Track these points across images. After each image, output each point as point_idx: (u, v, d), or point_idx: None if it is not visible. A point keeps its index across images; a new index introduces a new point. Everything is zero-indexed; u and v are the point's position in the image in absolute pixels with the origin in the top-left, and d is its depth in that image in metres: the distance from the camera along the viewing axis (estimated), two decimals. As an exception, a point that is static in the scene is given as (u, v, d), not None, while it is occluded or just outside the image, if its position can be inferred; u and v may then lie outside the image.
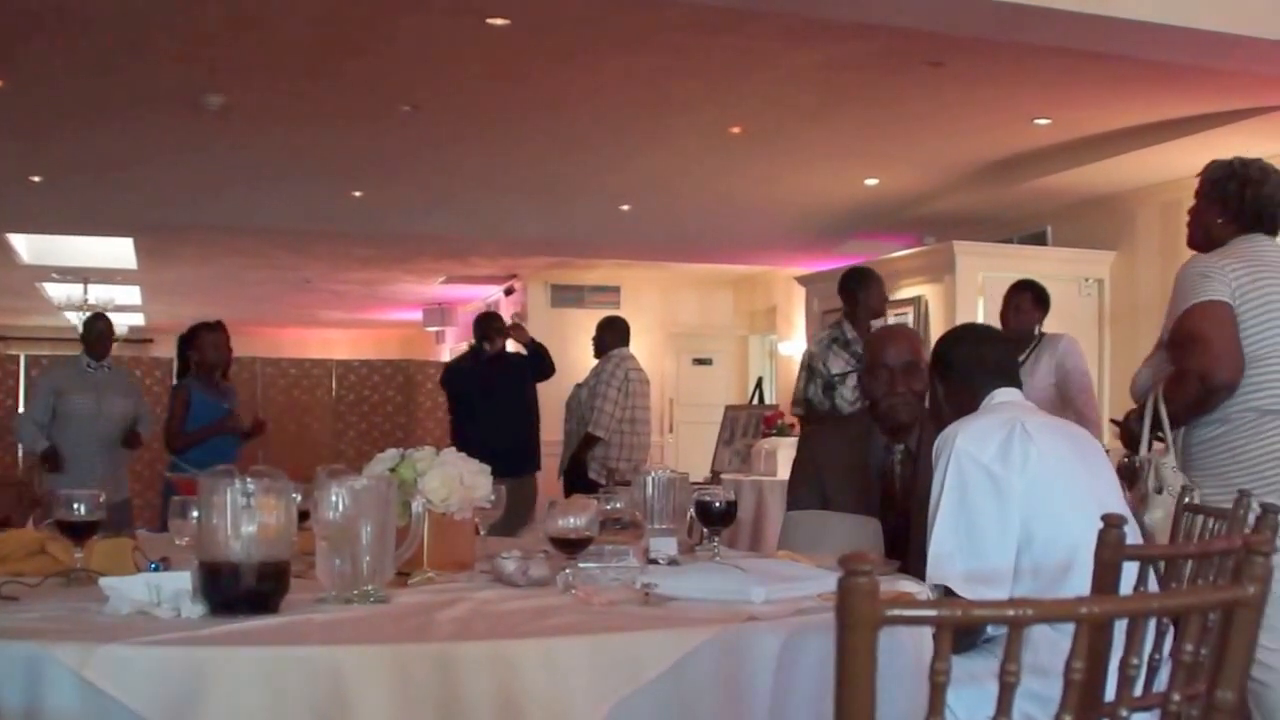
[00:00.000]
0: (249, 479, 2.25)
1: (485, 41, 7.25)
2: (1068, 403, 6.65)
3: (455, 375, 9.21)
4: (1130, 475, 4.28)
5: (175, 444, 7.54)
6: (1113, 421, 4.63)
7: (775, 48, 7.37)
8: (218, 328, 7.74)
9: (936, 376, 3.53)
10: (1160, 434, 3.94)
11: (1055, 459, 3.09)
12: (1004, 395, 3.35)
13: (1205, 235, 4.08)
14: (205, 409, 7.54)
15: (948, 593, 2.94)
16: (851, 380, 7.13)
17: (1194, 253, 4.15)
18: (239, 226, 12.80)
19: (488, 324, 9.01)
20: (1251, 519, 2.79)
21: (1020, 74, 7.73)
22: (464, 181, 11.19)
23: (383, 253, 15.00)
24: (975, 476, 3.04)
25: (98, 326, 8.07)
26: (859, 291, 7.64)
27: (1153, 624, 2.40)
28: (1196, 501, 3.52)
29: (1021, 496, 3.01)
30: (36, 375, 8.40)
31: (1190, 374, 3.83)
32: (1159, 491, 3.80)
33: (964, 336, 3.68)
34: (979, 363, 3.44)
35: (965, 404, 3.36)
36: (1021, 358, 6.83)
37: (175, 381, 8.10)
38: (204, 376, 7.67)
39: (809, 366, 7.56)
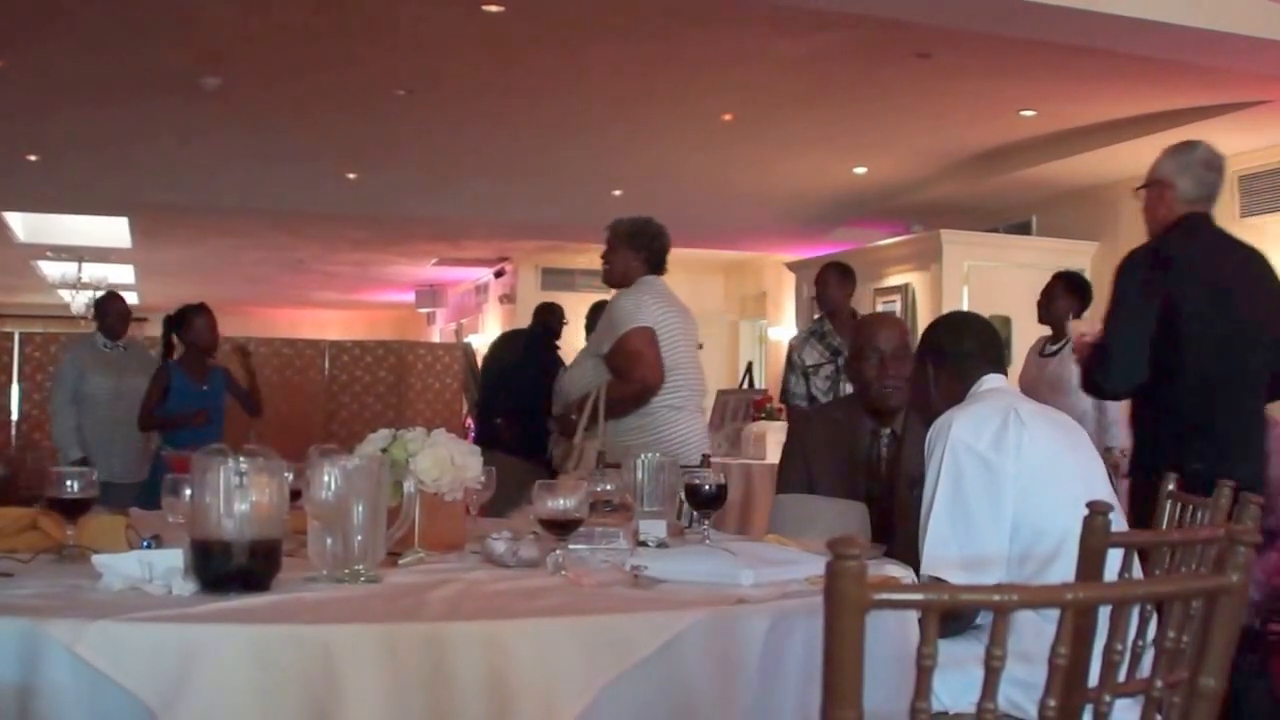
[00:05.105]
0: (242, 458, 2.26)
1: (480, 27, 7.25)
2: (1102, 410, 6.30)
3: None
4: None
5: (144, 424, 7.50)
6: None
7: (767, 37, 7.39)
8: (204, 310, 7.68)
9: (929, 363, 3.54)
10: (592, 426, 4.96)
11: (1047, 446, 3.11)
12: (992, 382, 3.37)
13: (624, 274, 5.28)
14: (184, 394, 7.46)
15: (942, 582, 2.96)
16: (825, 371, 7.24)
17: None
18: (234, 207, 12.80)
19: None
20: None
21: (1006, 66, 7.76)
22: (457, 165, 11.20)
23: (376, 234, 15.00)
24: (970, 464, 3.05)
25: (116, 306, 7.91)
26: (816, 287, 7.87)
27: (1136, 611, 2.42)
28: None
29: (1013, 482, 3.03)
30: (60, 355, 8.12)
31: (633, 378, 4.92)
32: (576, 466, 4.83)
33: (955, 324, 3.69)
34: (969, 350, 3.46)
35: (955, 391, 3.37)
36: (1055, 348, 6.76)
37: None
38: (192, 358, 7.62)
39: (788, 358, 7.64)
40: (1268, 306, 4.44)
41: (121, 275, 17.86)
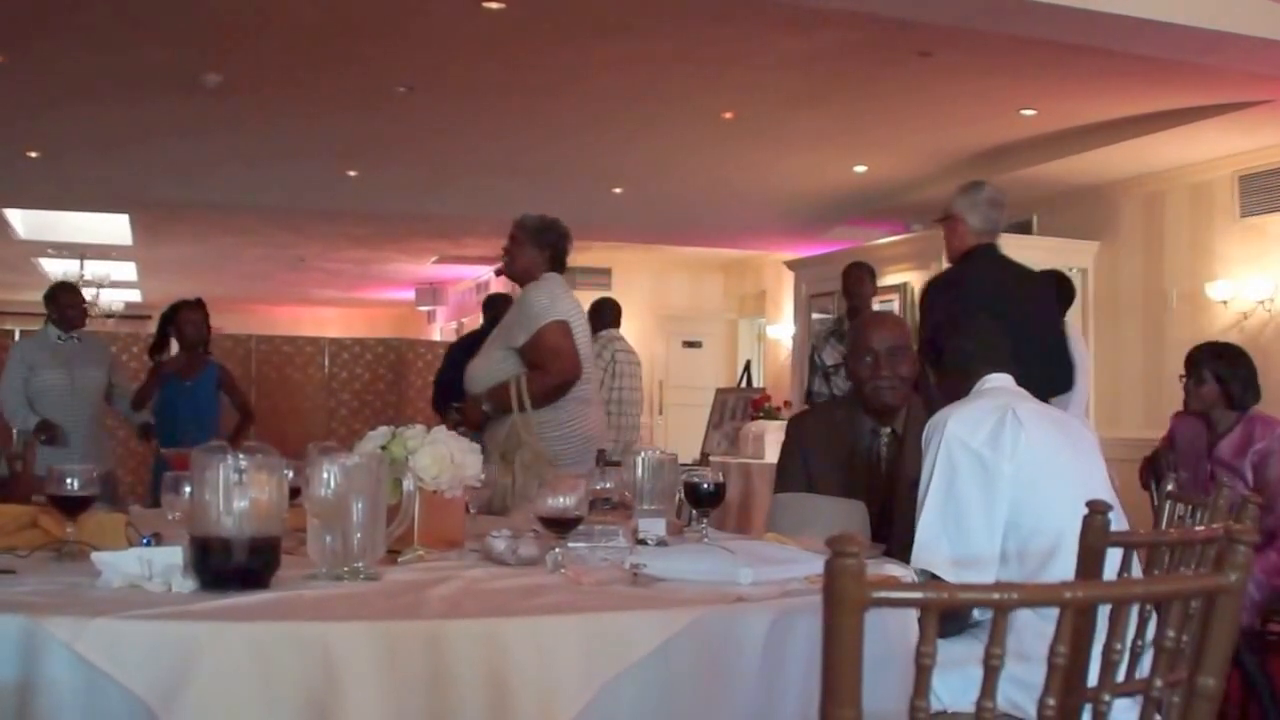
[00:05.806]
0: (241, 455, 2.26)
1: (481, 24, 7.25)
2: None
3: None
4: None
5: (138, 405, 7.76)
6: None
7: (768, 35, 7.38)
8: (198, 305, 7.71)
9: (930, 363, 3.55)
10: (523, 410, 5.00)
11: (1045, 446, 3.10)
12: (995, 380, 3.36)
13: (526, 269, 5.34)
14: (167, 387, 7.60)
15: (932, 578, 2.96)
16: (844, 370, 7.36)
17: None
18: (235, 204, 12.79)
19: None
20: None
21: (1007, 65, 7.76)
22: (458, 162, 11.19)
23: (376, 232, 15.00)
24: (965, 461, 3.05)
25: (71, 296, 7.77)
26: (844, 284, 8.08)
27: (1135, 610, 2.42)
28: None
29: (1010, 482, 3.02)
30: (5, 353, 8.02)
31: (553, 371, 5.00)
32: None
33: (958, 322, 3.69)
34: (971, 348, 3.45)
35: (958, 389, 3.37)
36: None
37: (152, 356, 8.00)
38: (181, 353, 7.68)
39: (810, 359, 7.73)
40: (1045, 320, 5.31)
41: (123, 272, 17.83)
